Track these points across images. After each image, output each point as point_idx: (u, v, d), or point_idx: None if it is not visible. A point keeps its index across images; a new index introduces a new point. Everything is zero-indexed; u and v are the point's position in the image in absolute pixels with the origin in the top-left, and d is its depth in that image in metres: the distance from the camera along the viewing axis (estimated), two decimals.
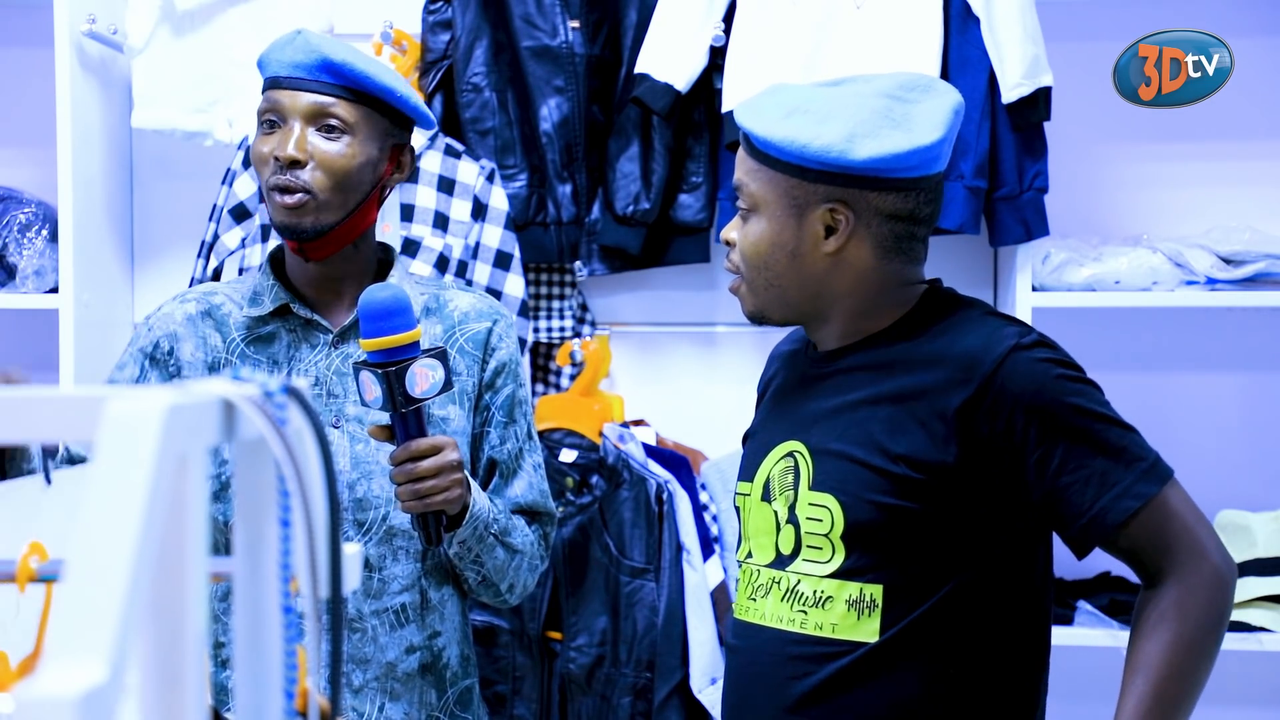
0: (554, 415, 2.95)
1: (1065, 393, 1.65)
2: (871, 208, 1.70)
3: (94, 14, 2.93)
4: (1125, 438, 1.66)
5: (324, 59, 1.88)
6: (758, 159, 1.72)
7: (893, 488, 1.65)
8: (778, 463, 1.77)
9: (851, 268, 1.73)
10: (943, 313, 1.75)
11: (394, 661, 1.92)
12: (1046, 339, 1.71)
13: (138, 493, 0.72)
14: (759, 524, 1.78)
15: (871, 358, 1.74)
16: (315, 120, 1.88)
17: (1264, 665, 3.02)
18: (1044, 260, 2.85)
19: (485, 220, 2.89)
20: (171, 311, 1.99)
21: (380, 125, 1.92)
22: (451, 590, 1.98)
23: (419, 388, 1.74)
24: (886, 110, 1.68)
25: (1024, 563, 1.71)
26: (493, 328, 1.99)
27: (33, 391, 0.87)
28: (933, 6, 2.74)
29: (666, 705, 2.78)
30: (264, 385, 0.85)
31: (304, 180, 1.87)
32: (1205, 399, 3.08)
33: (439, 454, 1.78)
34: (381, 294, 1.74)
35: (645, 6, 2.94)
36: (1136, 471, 1.64)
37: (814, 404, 1.77)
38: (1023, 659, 1.72)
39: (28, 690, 0.65)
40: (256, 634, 0.88)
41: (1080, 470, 1.63)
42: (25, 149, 3.22)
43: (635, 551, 2.83)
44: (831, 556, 1.68)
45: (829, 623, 1.68)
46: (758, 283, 1.75)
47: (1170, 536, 1.64)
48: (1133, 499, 1.63)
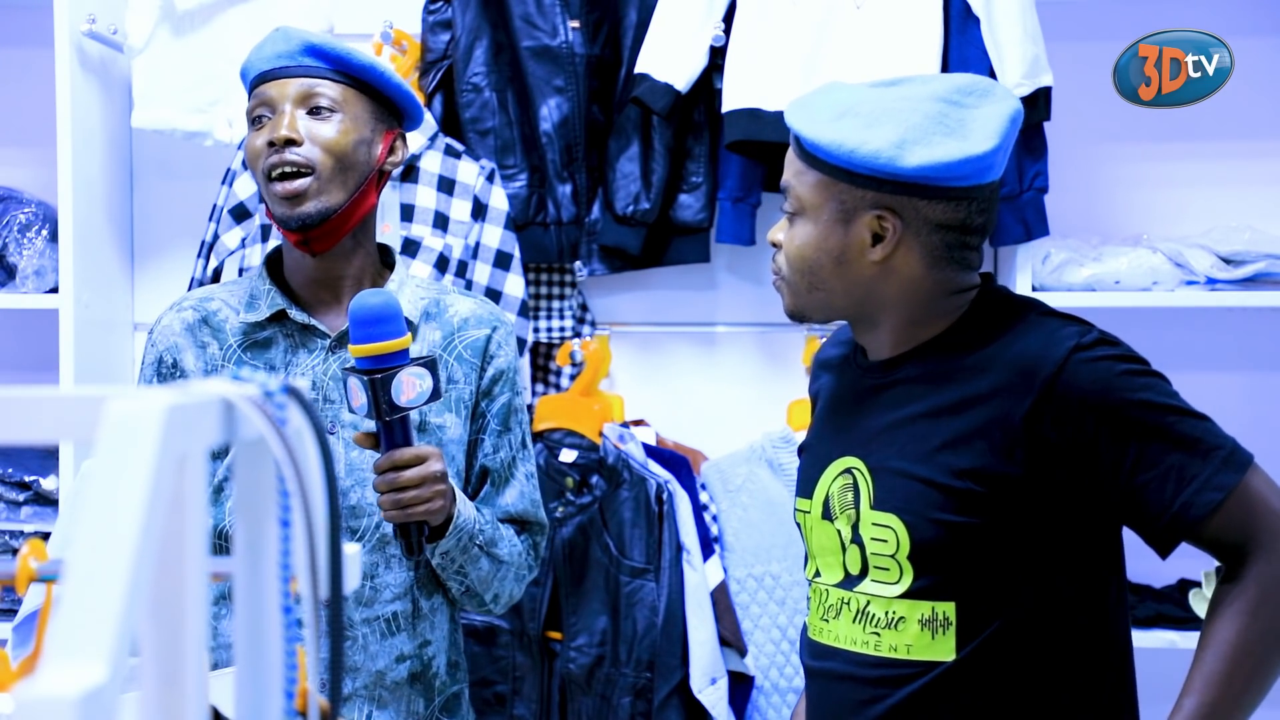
0: (554, 415, 2.95)
1: (1132, 389, 1.60)
2: (921, 216, 1.64)
3: (94, 14, 2.93)
4: (1199, 428, 1.61)
5: (306, 43, 1.89)
6: (806, 161, 1.67)
7: (957, 504, 1.60)
8: (836, 479, 1.72)
9: (899, 276, 1.67)
10: (998, 316, 1.68)
11: (383, 670, 1.91)
12: (1107, 335, 1.65)
13: (138, 493, 0.72)
14: (823, 543, 1.73)
15: (927, 368, 1.68)
16: (304, 103, 1.88)
17: None
18: (1044, 260, 2.85)
19: (485, 220, 2.89)
20: (170, 323, 1.98)
21: (369, 106, 1.91)
22: (442, 599, 1.97)
23: (405, 396, 1.71)
24: (941, 115, 1.62)
25: (1100, 570, 1.67)
26: (492, 335, 1.98)
27: (33, 391, 0.87)
28: (933, 6, 2.74)
29: (666, 705, 2.78)
30: (264, 385, 0.85)
31: (303, 157, 1.86)
32: (1205, 399, 3.05)
33: (423, 464, 1.76)
34: (372, 300, 1.72)
35: (645, 6, 2.94)
36: (1215, 462, 1.58)
37: (869, 418, 1.71)
38: (1106, 668, 1.67)
39: (28, 690, 0.65)
40: (256, 634, 0.88)
41: (1157, 467, 1.58)
42: (25, 149, 3.22)
43: (635, 551, 2.83)
44: (900, 577, 1.63)
45: (903, 644, 1.63)
46: (800, 286, 1.69)
47: (1257, 525, 1.58)
48: (1215, 491, 1.57)
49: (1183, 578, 2.98)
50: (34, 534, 2.97)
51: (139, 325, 3.19)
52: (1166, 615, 2.83)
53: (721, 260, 3.09)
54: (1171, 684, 3.13)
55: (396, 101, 1.95)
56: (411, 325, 1.95)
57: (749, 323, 3.07)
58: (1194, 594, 2.89)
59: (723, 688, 2.79)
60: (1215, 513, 1.58)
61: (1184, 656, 2.89)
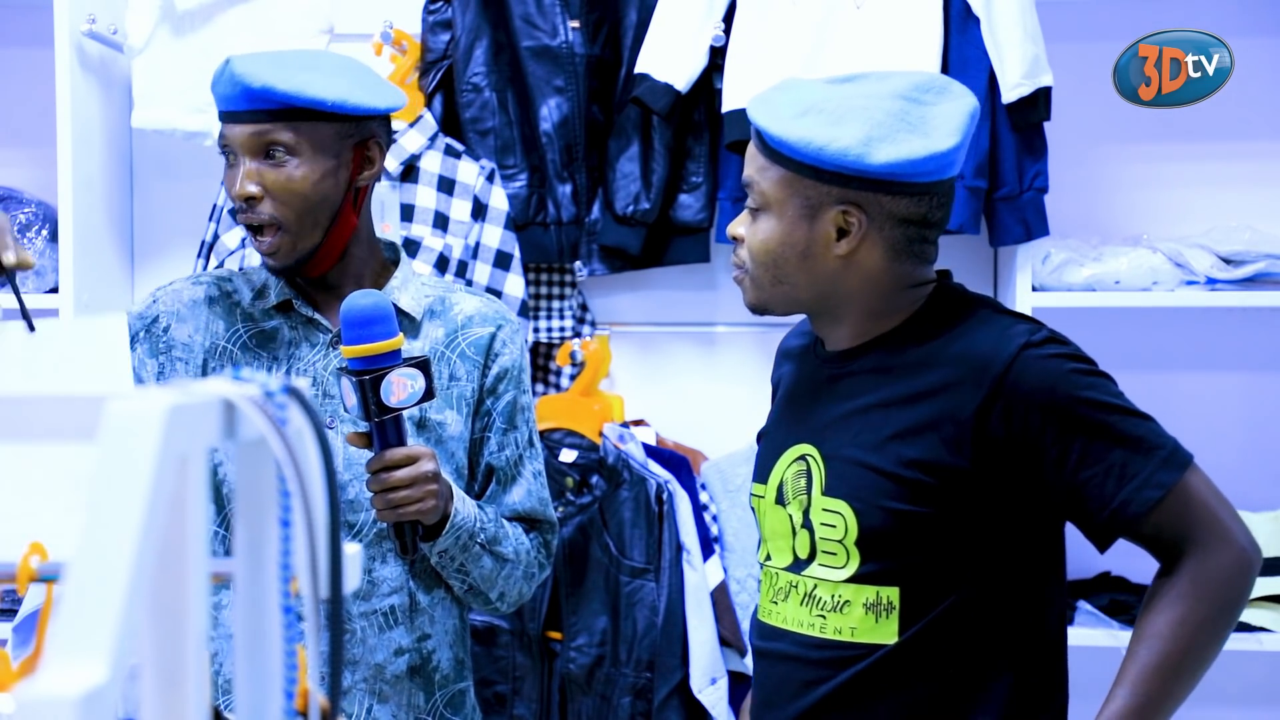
0: (554, 415, 2.95)
1: (1079, 387, 1.64)
2: (884, 211, 1.68)
3: (94, 14, 2.93)
4: (1142, 427, 1.65)
5: (246, 88, 1.83)
6: (770, 157, 1.70)
7: (905, 493, 1.65)
8: (790, 465, 1.77)
9: (861, 269, 1.71)
10: (952, 312, 1.73)
11: (382, 663, 1.91)
12: (1057, 335, 1.70)
13: (139, 493, 0.72)
14: (775, 527, 1.78)
15: (881, 360, 1.73)
16: (257, 152, 1.86)
17: (1264, 665, 3.02)
18: (1044, 260, 2.85)
19: (485, 220, 2.89)
20: (180, 290, 1.99)
21: (326, 135, 1.86)
22: (444, 594, 1.96)
23: (395, 397, 1.72)
24: (902, 113, 1.66)
25: (1041, 562, 1.71)
26: (496, 333, 1.97)
27: (33, 391, 0.87)
28: (933, 6, 2.74)
29: (666, 705, 2.78)
30: (264, 385, 0.85)
31: (267, 213, 1.86)
32: (1205, 399, 3.07)
33: (414, 464, 1.77)
34: (363, 301, 1.72)
35: (645, 6, 2.94)
36: (1156, 460, 1.63)
37: (825, 408, 1.76)
38: (1040, 659, 1.72)
39: (29, 690, 0.65)
40: (257, 634, 0.88)
41: (1099, 464, 1.62)
42: (25, 149, 3.22)
43: (635, 551, 2.83)
44: (847, 562, 1.68)
45: (848, 626, 1.68)
46: (764, 280, 1.73)
47: (1193, 521, 1.63)
48: (1154, 489, 1.62)
49: None
50: None
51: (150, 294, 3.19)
52: None
53: (721, 260, 3.09)
54: None
55: (359, 113, 1.88)
56: (415, 322, 1.95)
57: (749, 322, 3.07)
58: None
59: (723, 688, 2.79)
60: (1154, 510, 1.62)
61: None
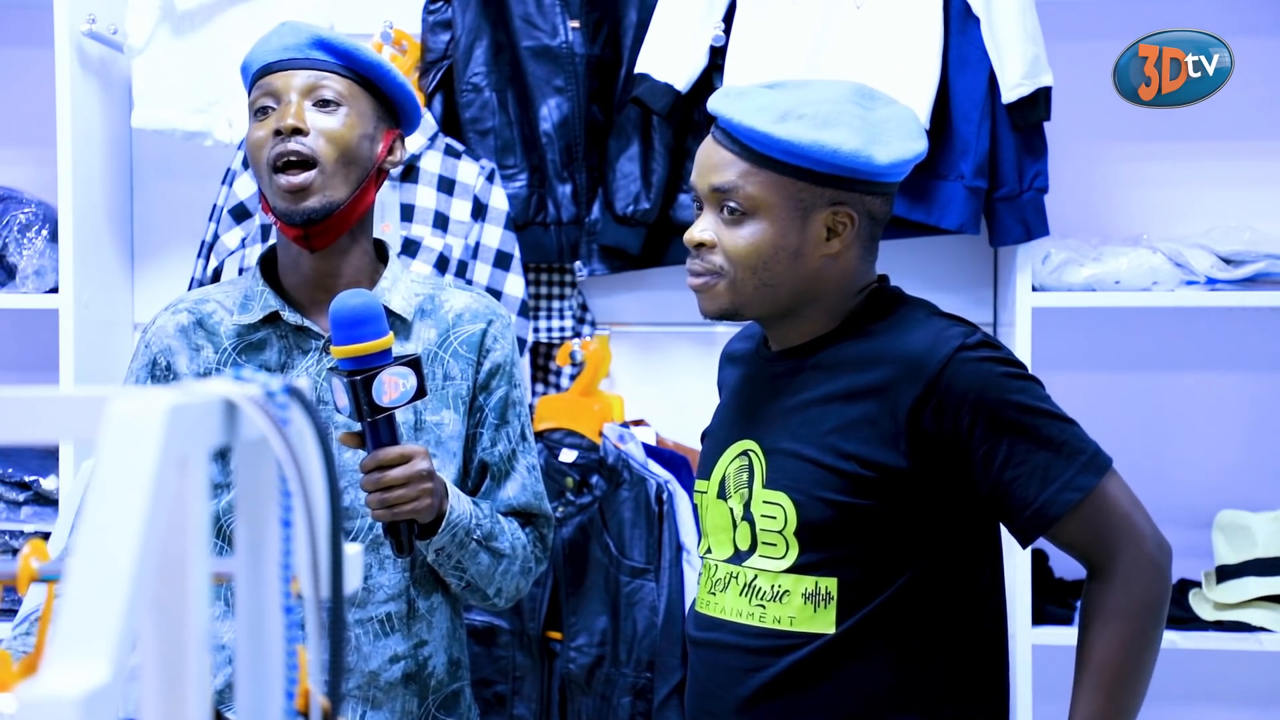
0: (554, 415, 2.95)
1: (1008, 390, 1.69)
2: (865, 210, 1.74)
3: (94, 14, 2.93)
4: (1066, 431, 1.70)
5: (314, 37, 1.89)
6: (755, 161, 1.72)
7: (844, 485, 1.69)
8: (733, 461, 1.81)
9: (839, 267, 1.76)
10: (889, 311, 1.78)
11: (377, 671, 1.91)
12: (990, 339, 1.75)
13: (140, 493, 0.72)
14: (716, 520, 1.82)
15: (823, 358, 1.77)
16: (310, 94, 1.88)
17: (1264, 665, 3.02)
18: (1044, 260, 2.85)
19: (485, 220, 2.89)
20: (164, 324, 1.98)
21: (372, 104, 1.92)
22: (441, 597, 1.96)
23: (387, 396, 1.71)
24: (862, 117, 1.72)
25: (977, 558, 1.77)
26: (487, 329, 1.97)
27: (33, 391, 0.87)
28: (933, 6, 2.74)
29: (666, 705, 2.78)
30: (266, 385, 0.85)
31: (308, 148, 1.85)
32: (1205, 399, 3.08)
33: (408, 463, 1.76)
34: (352, 300, 1.71)
35: (645, 6, 2.94)
36: (1076, 465, 1.69)
37: (768, 404, 1.80)
38: (979, 652, 1.77)
39: (30, 690, 0.65)
40: (257, 634, 0.88)
41: (1023, 465, 1.68)
42: (25, 149, 3.22)
43: (635, 551, 2.83)
44: (786, 552, 1.72)
45: (786, 616, 1.72)
46: (747, 283, 1.74)
47: (1108, 527, 1.70)
48: (1074, 491, 1.68)
49: (1183, 578, 2.98)
50: (34, 534, 2.97)
51: (139, 325, 3.19)
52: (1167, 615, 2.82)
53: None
54: (1171, 683, 3.13)
55: (398, 102, 1.95)
56: (406, 324, 1.95)
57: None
58: (1194, 594, 2.89)
59: None
60: (1072, 512, 1.69)
61: (1183, 656, 2.91)
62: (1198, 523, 2.97)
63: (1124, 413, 3.09)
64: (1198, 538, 2.95)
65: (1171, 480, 3.06)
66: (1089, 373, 3.10)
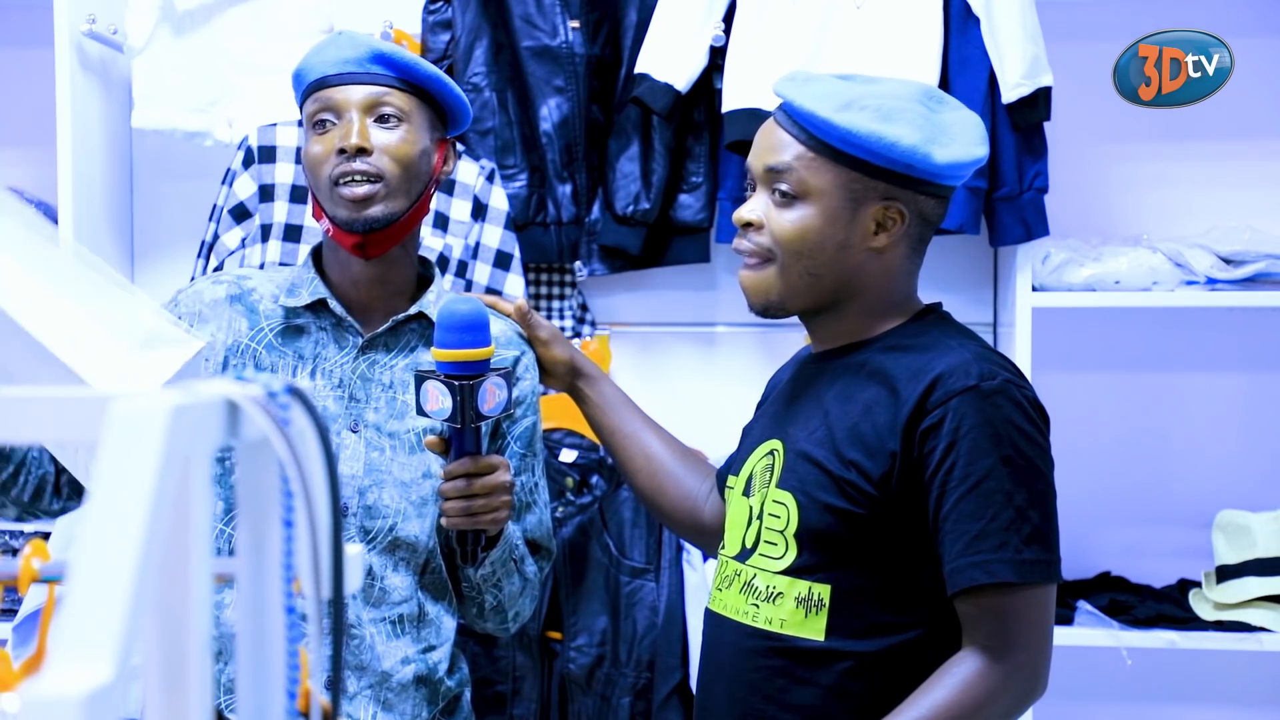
0: (554, 415, 2.95)
1: (996, 444, 1.63)
2: (917, 209, 1.73)
3: (94, 14, 2.92)
4: (1024, 516, 1.63)
5: (375, 51, 1.90)
6: (813, 147, 1.71)
7: (844, 492, 1.68)
8: (761, 459, 1.81)
9: (884, 264, 1.75)
10: (934, 331, 1.76)
11: (389, 671, 1.92)
12: (1016, 387, 1.68)
13: (142, 493, 0.72)
14: (735, 517, 1.83)
15: (857, 362, 1.76)
16: (371, 111, 1.88)
17: (1264, 665, 3.02)
18: (1044, 260, 2.85)
19: (485, 220, 2.89)
20: (201, 291, 1.98)
21: (428, 116, 1.93)
22: (445, 606, 1.98)
23: (487, 405, 1.77)
24: (927, 117, 1.70)
25: None
26: (520, 357, 2.00)
27: (34, 391, 0.87)
28: (933, 6, 2.75)
29: (666, 705, 2.78)
30: (267, 386, 0.85)
31: (373, 166, 1.86)
32: (1205, 399, 3.08)
33: (494, 473, 1.80)
34: (463, 307, 1.76)
35: (645, 6, 2.94)
36: (1008, 551, 1.61)
37: (797, 403, 1.81)
38: None
39: (32, 690, 0.65)
40: (259, 634, 0.88)
41: (963, 520, 1.62)
42: (25, 149, 3.22)
43: (635, 551, 2.83)
44: (785, 553, 1.72)
45: (778, 618, 1.72)
46: (794, 270, 1.74)
47: (1013, 631, 1.62)
48: (984, 575, 1.62)
49: (1183, 578, 2.99)
50: (34, 534, 2.97)
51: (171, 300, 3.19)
52: (1166, 615, 2.83)
53: (721, 260, 3.09)
54: (1171, 683, 3.13)
55: (452, 109, 1.96)
56: None
57: (749, 323, 3.07)
58: (1194, 594, 2.89)
59: None
60: (976, 592, 1.62)
61: (1184, 656, 2.91)
62: (1198, 523, 2.97)
63: (1124, 413, 3.09)
64: (1198, 538, 2.96)
65: (1171, 480, 3.07)
66: (1089, 373, 3.10)
